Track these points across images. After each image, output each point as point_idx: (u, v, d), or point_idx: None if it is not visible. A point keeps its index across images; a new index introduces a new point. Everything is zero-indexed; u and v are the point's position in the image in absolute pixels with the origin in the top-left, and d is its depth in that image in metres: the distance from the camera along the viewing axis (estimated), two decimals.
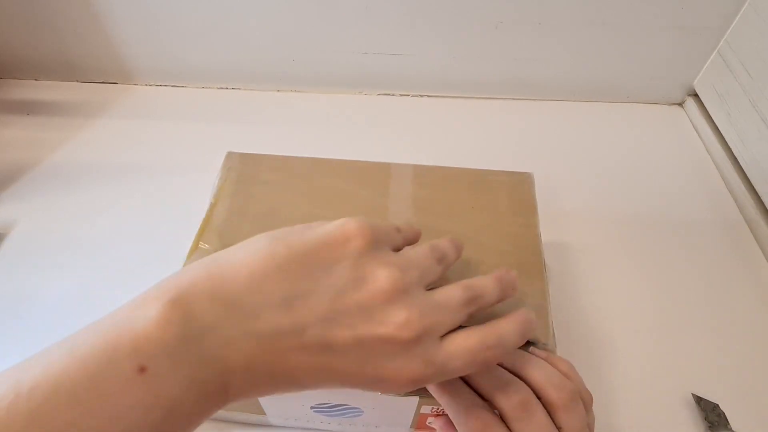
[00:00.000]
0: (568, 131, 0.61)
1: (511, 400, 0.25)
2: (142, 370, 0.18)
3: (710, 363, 0.42)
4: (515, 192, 0.37)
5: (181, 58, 0.60)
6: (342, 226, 0.24)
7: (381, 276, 0.22)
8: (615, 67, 0.60)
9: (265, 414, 0.34)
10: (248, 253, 0.22)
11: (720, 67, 0.58)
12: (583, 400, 0.27)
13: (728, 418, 0.38)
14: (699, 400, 0.39)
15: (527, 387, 0.26)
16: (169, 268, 0.33)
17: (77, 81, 0.62)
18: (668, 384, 0.40)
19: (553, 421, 0.25)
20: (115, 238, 0.48)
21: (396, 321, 0.22)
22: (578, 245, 0.49)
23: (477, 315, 0.25)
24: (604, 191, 0.54)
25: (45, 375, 0.17)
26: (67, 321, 0.40)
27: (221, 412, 0.34)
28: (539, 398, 0.26)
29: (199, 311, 0.20)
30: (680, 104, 0.65)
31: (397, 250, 0.26)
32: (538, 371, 0.27)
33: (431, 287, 0.25)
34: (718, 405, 0.38)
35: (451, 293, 0.24)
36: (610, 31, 0.56)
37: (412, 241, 0.28)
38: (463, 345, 0.23)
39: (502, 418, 0.26)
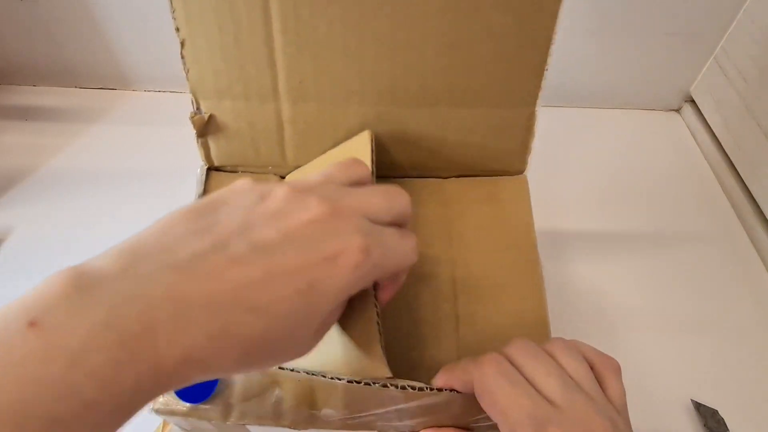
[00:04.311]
0: (565, 137, 0.61)
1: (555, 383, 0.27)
2: (32, 324, 0.17)
3: (709, 369, 0.42)
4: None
5: (180, 64, 0.60)
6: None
7: (280, 190, 0.22)
8: (612, 74, 0.61)
9: None
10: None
11: (716, 73, 0.58)
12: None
13: (728, 424, 0.38)
14: (698, 406, 0.39)
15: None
16: None
17: (76, 87, 0.62)
18: (667, 390, 0.40)
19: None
20: (113, 244, 0.48)
21: (312, 203, 0.22)
22: (575, 252, 0.49)
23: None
24: (600, 198, 0.54)
25: None
26: None
27: None
28: None
29: (101, 265, 0.19)
30: (677, 110, 0.65)
31: None
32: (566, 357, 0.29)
33: None
34: (717, 411, 0.38)
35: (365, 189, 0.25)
36: (607, 38, 0.57)
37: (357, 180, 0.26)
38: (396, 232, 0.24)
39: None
